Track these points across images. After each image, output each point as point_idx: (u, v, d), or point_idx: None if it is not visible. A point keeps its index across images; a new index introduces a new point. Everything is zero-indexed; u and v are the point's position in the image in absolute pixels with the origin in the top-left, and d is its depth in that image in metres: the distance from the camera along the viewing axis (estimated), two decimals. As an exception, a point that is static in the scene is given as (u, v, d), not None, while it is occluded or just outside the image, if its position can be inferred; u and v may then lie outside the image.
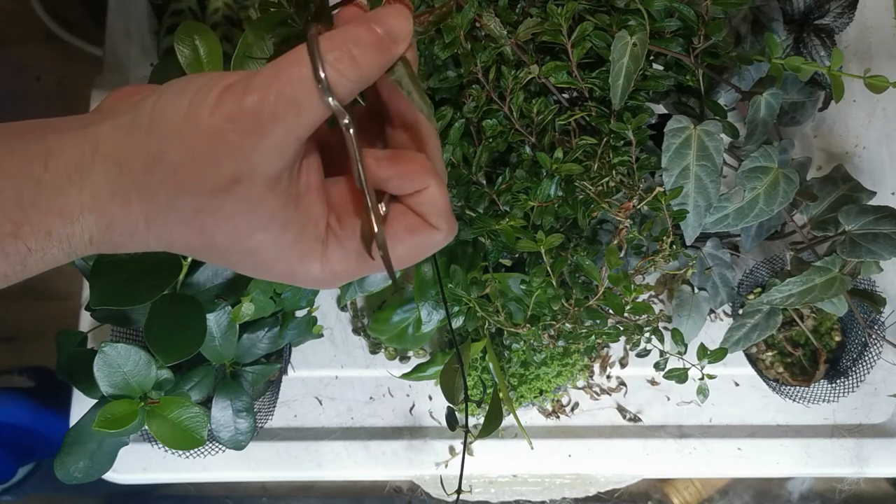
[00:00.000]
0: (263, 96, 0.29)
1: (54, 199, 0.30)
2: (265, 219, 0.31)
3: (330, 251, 0.33)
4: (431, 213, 0.33)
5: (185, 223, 0.31)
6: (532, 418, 0.82)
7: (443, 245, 0.34)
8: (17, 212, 0.29)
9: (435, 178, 0.32)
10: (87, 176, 0.30)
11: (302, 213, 0.32)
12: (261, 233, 0.31)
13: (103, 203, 0.30)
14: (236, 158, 0.29)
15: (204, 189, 0.30)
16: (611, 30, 0.55)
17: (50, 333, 0.68)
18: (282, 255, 0.32)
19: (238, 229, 0.31)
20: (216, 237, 0.31)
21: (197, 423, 0.62)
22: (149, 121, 0.30)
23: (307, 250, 0.32)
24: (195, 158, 0.29)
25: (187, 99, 0.29)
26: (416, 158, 0.33)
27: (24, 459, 1.20)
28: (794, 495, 1.22)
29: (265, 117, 0.29)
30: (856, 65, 0.87)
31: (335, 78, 0.29)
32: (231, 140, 0.29)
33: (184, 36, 0.54)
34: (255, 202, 0.30)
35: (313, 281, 0.34)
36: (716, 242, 0.73)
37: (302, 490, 1.30)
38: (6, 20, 1.51)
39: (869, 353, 0.74)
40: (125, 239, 0.32)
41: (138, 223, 0.31)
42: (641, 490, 1.23)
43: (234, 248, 0.32)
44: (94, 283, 0.57)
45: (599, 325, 0.61)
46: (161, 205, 0.30)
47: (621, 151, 0.57)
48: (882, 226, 0.61)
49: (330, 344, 0.83)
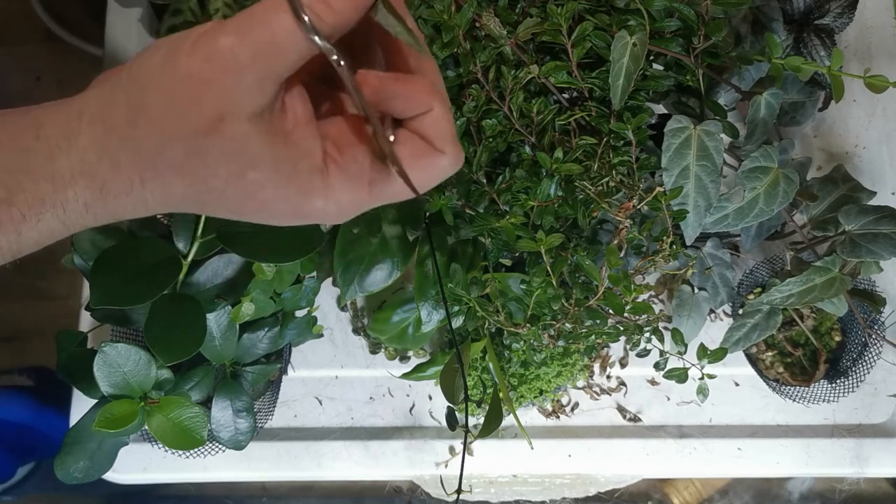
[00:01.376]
0: (241, 36, 0.28)
1: (45, 165, 0.30)
2: (254, 156, 0.31)
3: (332, 180, 0.32)
4: (436, 136, 0.32)
5: (177, 172, 0.31)
6: (532, 418, 0.82)
7: (450, 172, 0.33)
8: (9, 178, 0.30)
9: (438, 99, 0.32)
10: (75, 141, 0.30)
11: (293, 148, 0.31)
12: (252, 171, 0.31)
13: (92, 165, 0.30)
14: (216, 96, 0.29)
15: (188, 132, 0.30)
16: (611, 30, 0.55)
17: (50, 333, 0.68)
18: (280, 193, 0.32)
19: (230, 170, 0.31)
20: (210, 181, 0.31)
21: (197, 423, 0.62)
22: (127, 77, 0.30)
23: (305, 184, 0.32)
24: (175, 103, 0.29)
25: (163, 50, 0.30)
26: (419, 80, 0.32)
27: (24, 459, 1.20)
28: (794, 495, 1.22)
29: (244, 55, 0.29)
30: (856, 65, 0.87)
31: (313, 21, 0.28)
32: (209, 78, 0.29)
33: (184, 36, 0.54)
34: (241, 140, 0.30)
35: (321, 215, 0.33)
36: (716, 242, 0.73)
37: (302, 490, 1.30)
38: (6, 20, 1.51)
39: (869, 353, 0.74)
40: (122, 201, 0.31)
41: (132, 181, 0.31)
42: (641, 490, 1.23)
43: (232, 193, 0.31)
44: (94, 283, 0.57)
45: (599, 325, 0.61)
46: (150, 157, 0.30)
47: (621, 151, 0.57)
48: (882, 226, 0.61)
49: (330, 344, 0.83)
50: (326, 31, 0.29)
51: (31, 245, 0.32)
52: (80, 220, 0.32)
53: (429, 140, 0.32)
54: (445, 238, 0.66)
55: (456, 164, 0.33)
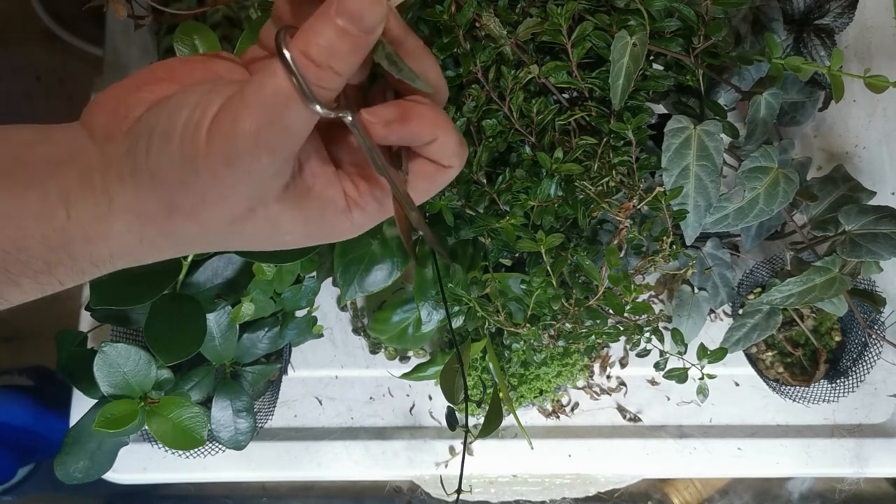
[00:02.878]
0: (254, 128, 0.28)
1: (83, 247, 0.31)
2: (287, 225, 0.33)
3: (354, 216, 0.34)
4: (443, 157, 0.33)
5: (216, 246, 0.34)
6: (532, 418, 0.82)
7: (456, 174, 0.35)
8: (49, 254, 0.31)
9: (442, 127, 0.32)
10: (110, 227, 0.31)
11: (317, 202, 0.33)
12: (287, 235, 0.33)
13: (132, 247, 0.32)
14: (243, 194, 0.30)
15: (223, 224, 0.31)
16: (611, 30, 0.55)
17: (50, 333, 0.68)
18: (312, 238, 0.34)
19: (267, 239, 0.33)
20: (247, 246, 0.34)
21: (197, 423, 0.62)
22: (150, 173, 0.30)
23: (332, 227, 0.34)
24: (206, 202, 0.30)
25: (176, 145, 0.29)
26: (423, 114, 0.32)
27: (24, 460, 1.20)
28: (794, 495, 1.22)
29: (261, 149, 0.29)
30: (856, 65, 0.87)
31: (318, 92, 0.28)
32: (234, 182, 0.29)
33: (184, 36, 0.54)
34: (273, 218, 0.32)
35: (342, 237, 0.35)
36: (716, 242, 0.73)
37: (302, 490, 1.30)
38: (6, 20, 1.51)
39: (869, 353, 0.74)
40: (158, 258, 0.34)
41: (171, 252, 0.33)
42: (641, 490, 1.23)
43: (267, 247, 0.34)
44: (94, 283, 0.57)
45: (599, 325, 0.61)
46: (190, 241, 0.33)
47: (621, 151, 0.57)
48: (882, 226, 0.61)
49: (330, 344, 0.83)
50: (332, 95, 0.29)
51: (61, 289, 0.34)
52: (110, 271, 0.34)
53: (436, 162, 0.34)
54: (445, 238, 0.66)
55: (461, 167, 0.35)
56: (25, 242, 0.30)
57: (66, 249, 0.31)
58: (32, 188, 0.31)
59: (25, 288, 0.32)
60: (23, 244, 0.30)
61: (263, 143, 0.28)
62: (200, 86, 0.31)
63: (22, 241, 0.30)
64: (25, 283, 0.32)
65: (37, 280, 0.32)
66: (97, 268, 0.32)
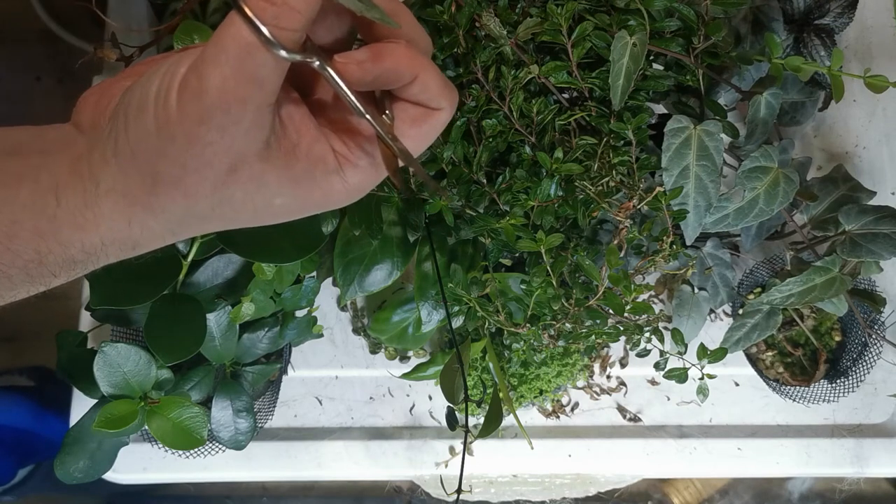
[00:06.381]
0: (221, 86, 0.28)
1: (73, 234, 0.31)
2: (275, 186, 0.32)
3: (348, 176, 0.33)
4: (429, 98, 0.32)
5: (206, 221, 0.32)
6: (532, 418, 0.82)
7: (450, 117, 0.34)
8: (40, 242, 0.31)
9: (420, 64, 0.31)
10: (98, 212, 0.31)
11: (305, 160, 0.32)
12: (278, 198, 0.32)
13: (122, 230, 0.32)
14: (222, 153, 0.30)
15: (208, 190, 0.31)
16: (611, 30, 0.55)
17: (50, 333, 0.68)
18: (306, 205, 0.33)
19: (256, 205, 0.32)
20: (240, 218, 0.33)
21: (197, 423, 0.62)
22: (130, 149, 0.30)
23: (326, 188, 0.33)
24: (187, 168, 0.30)
25: (151, 114, 0.29)
26: (396, 51, 0.30)
27: (25, 460, 1.20)
28: (794, 495, 1.22)
29: (229, 102, 0.28)
30: (856, 65, 0.87)
31: (280, 35, 0.27)
32: (210, 140, 0.29)
33: (183, 36, 0.54)
34: (259, 178, 0.31)
35: (338, 202, 0.34)
36: (716, 242, 0.73)
37: (302, 490, 1.30)
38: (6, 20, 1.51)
39: (869, 353, 0.74)
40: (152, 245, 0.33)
41: (164, 237, 0.33)
42: (641, 490, 1.23)
43: (261, 218, 0.33)
44: (94, 283, 0.57)
45: (599, 325, 0.61)
46: (178, 216, 0.32)
47: (621, 151, 0.57)
48: (882, 226, 0.61)
49: (330, 344, 0.83)
50: (297, 37, 0.28)
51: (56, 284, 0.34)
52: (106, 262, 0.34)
53: (423, 104, 0.33)
54: (445, 238, 0.66)
55: (453, 110, 0.33)
56: (15, 231, 0.30)
57: (55, 237, 0.31)
58: (25, 179, 0.31)
59: (15, 280, 0.32)
60: (14, 233, 0.30)
61: (231, 95, 0.28)
62: (169, 56, 0.31)
63: (13, 230, 0.30)
64: (15, 275, 0.31)
65: (27, 272, 0.31)
66: (90, 257, 0.32)
